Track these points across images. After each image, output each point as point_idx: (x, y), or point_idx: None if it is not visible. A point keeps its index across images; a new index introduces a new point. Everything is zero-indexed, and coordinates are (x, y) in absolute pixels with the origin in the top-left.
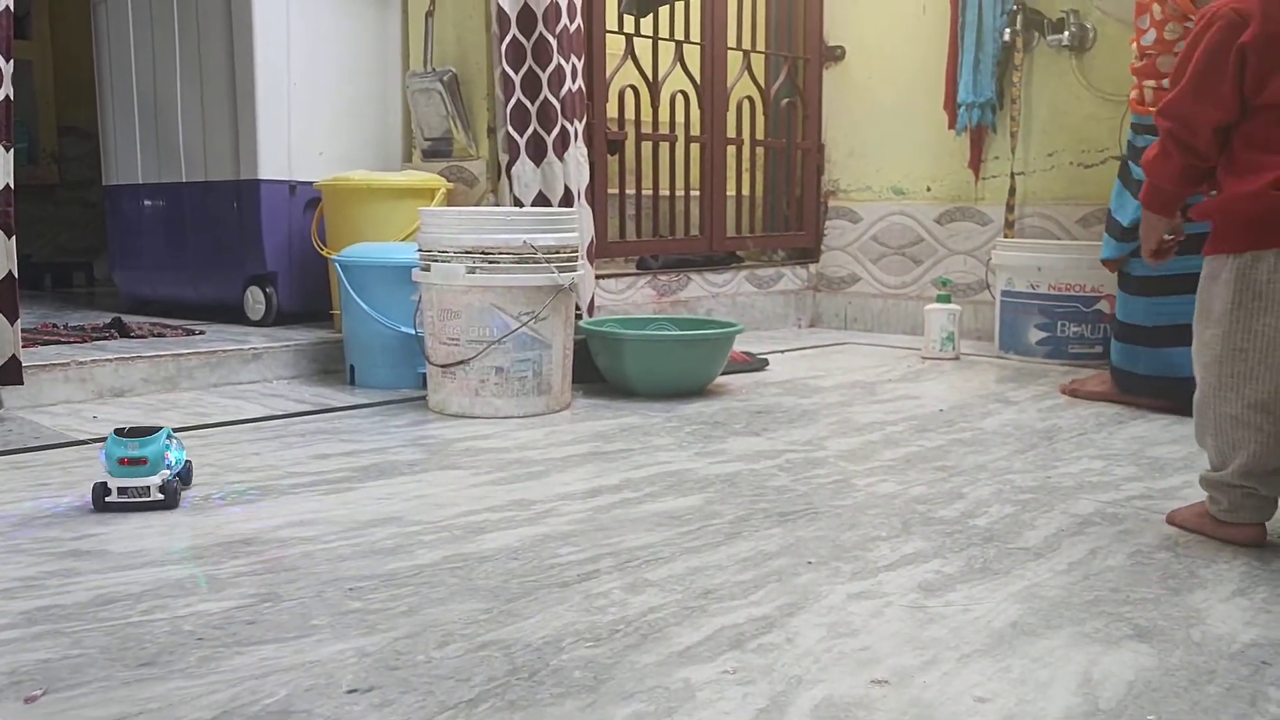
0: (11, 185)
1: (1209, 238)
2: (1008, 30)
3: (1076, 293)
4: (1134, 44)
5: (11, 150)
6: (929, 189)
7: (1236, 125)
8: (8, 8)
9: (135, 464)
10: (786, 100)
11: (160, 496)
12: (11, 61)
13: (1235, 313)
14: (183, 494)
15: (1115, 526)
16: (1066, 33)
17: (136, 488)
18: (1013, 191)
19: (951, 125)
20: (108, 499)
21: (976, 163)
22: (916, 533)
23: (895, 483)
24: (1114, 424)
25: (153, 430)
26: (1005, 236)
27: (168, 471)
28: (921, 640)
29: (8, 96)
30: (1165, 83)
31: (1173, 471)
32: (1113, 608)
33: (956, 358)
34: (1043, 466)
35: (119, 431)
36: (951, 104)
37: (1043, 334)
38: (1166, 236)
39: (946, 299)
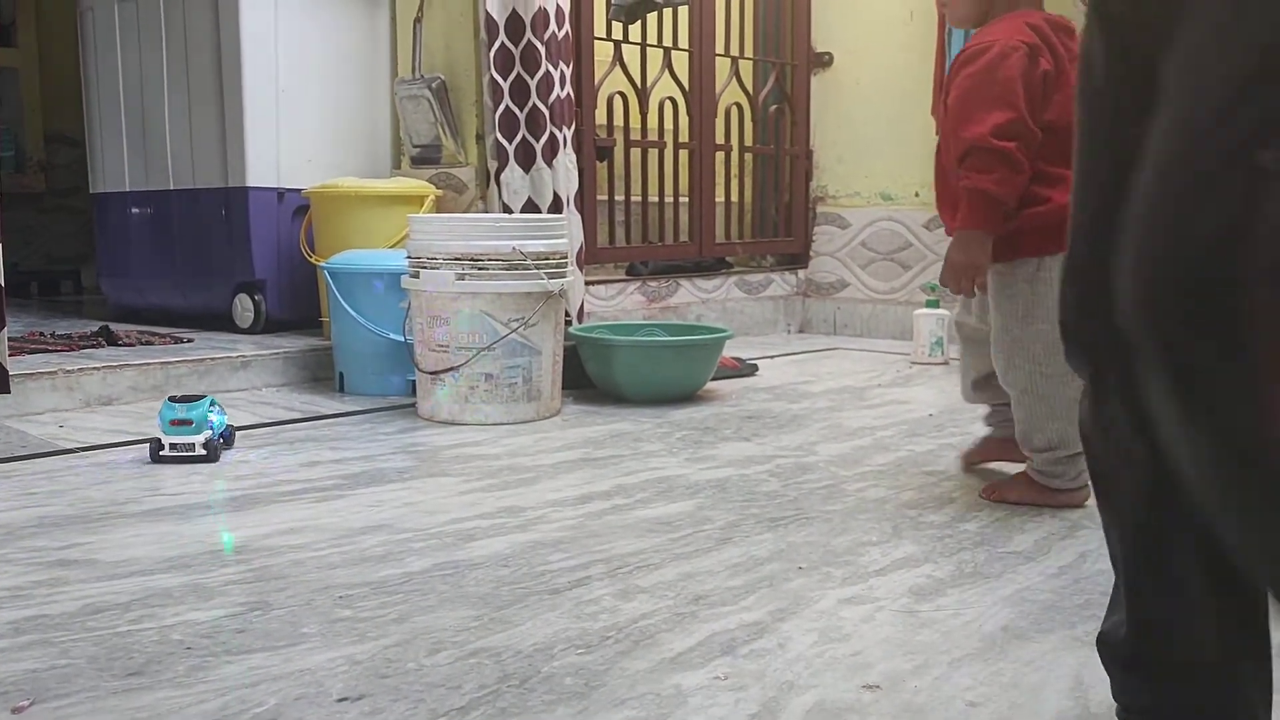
0: None
1: (1025, 241)
2: None
3: None
4: None
5: None
6: (917, 194)
7: None
8: None
9: (183, 424)
10: (775, 106)
11: (204, 452)
12: None
13: (1039, 303)
14: (223, 452)
15: None
16: None
17: (184, 444)
18: None
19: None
20: (161, 453)
21: None
22: (907, 537)
23: (885, 487)
24: None
25: (199, 398)
26: None
27: (210, 431)
28: (913, 645)
29: None
30: None
31: None
32: (1103, 611)
33: (945, 362)
34: None
35: (171, 398)
36: (939, 109)
37: None
38: None
39: (935, 304)
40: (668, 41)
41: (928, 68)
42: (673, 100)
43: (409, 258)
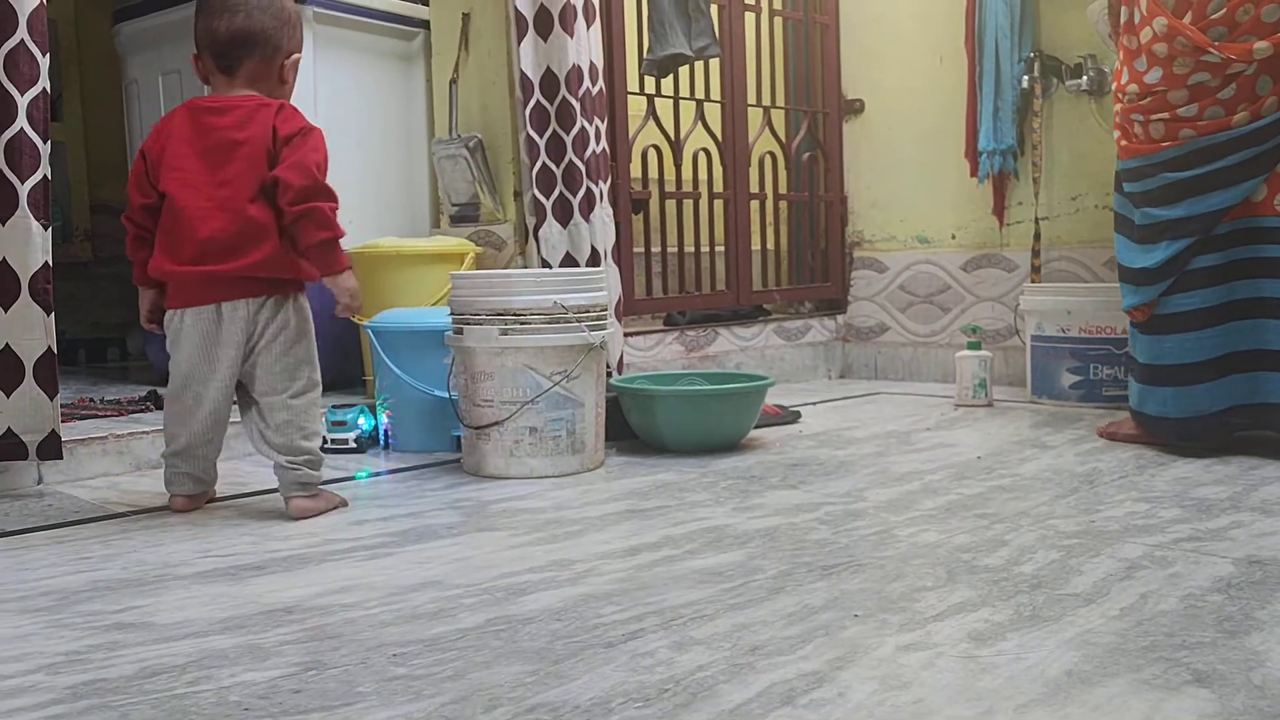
0: (50, 263)
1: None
2: (1025, 77)
3: (1108, 335)
4: (1130, 85)
5: (49, 229)
6: (954, 237)
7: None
8: (44, 90)
9: (340, 425)
10: (808, 154)
11: (355, 446)
12: (49, 143)
13: (173, 345)
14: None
15: (1165, 570)
16: (1085, 77)
17: (340, 439)
18: (1038, 236)
19: (974, 173)
20: (324, 446)
21: (1000, 209)
22: (962, 581)
23: (937, 532)
24: (1155, 466)
25: (351, 406)
26: (1032, 281)
27: (358, 431)
28: (975, 691)
29: (45, 176)
30: (1181, 111)
31: (1219, 512)
32: (1169, 653)
33: (989, 404)
34: (1085, 511)
35: (333, 408)
36: (972, 152)
37: (1075, 377)
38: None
39: (977, 346)
40: (700, 93)
41: (959, 111)
42: (706, 151)
43: (452, 314)
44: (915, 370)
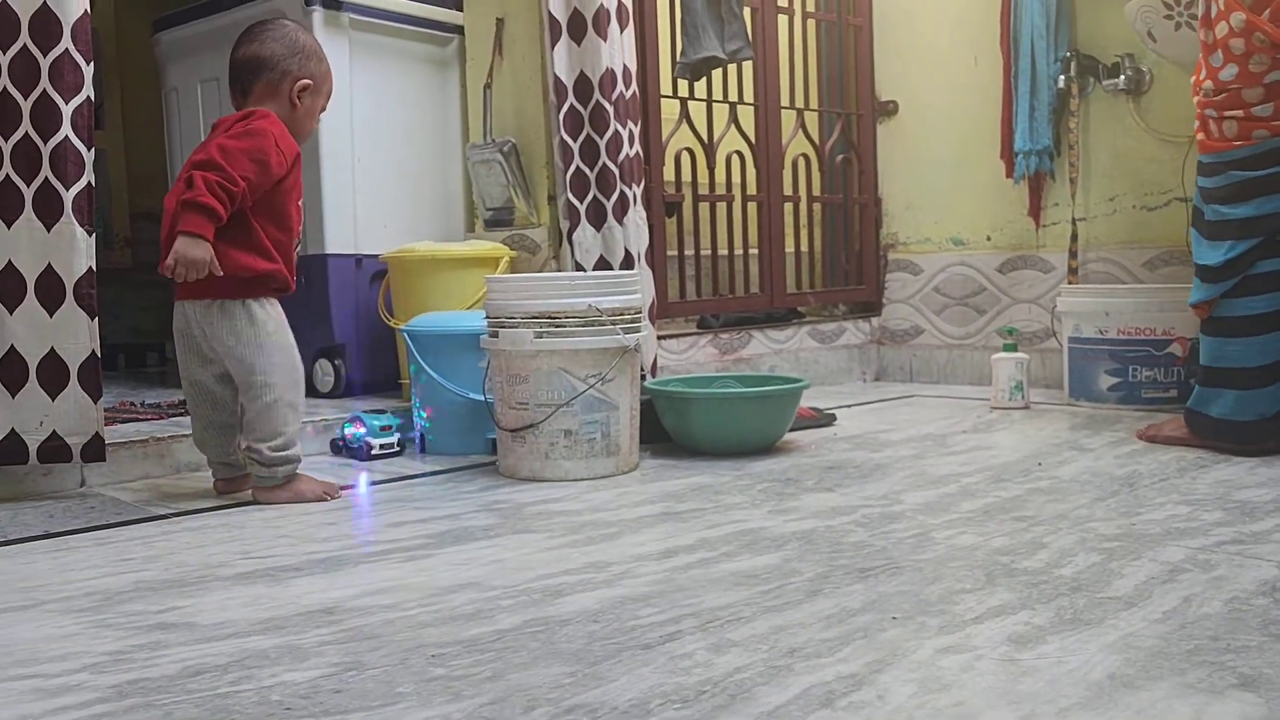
0: (93, 268)
1: None
2: (1062, 77)
3: (1147, 336)
4: (1206, 81)
5: (93, 234)
6: (989, 238)
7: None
8: (89, 98)
9: (386, 430)
10: (841, 156)
11: (398, 449)
12: (93, 150)
13: (178, 339)
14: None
15: (1208, 573)
16: (1122, 77)
17: (388, 443)
18: (1075, 238)
19: (1009, 174)
20: (373, 453)
21: (1036, 210)
22: (1001, 584)
23: (975, 534)
24: (1196, 468)
25: (381, 412)
26: (1069, 283)
27: (399, 435)
28: (1016, 694)
29: (89, 183)
30: (1256, 110)
31: (1263, 515)
32: (1214, 656)
33: (1026, 407)
34: (1126, 514)
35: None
36: (1008, 153)
37: (1114, 379)
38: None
39: (1013, 348)
40: (733, 96)
41: (994, 112)
42: (740, 154)
43: (488, 318)
44: (951, 373)
